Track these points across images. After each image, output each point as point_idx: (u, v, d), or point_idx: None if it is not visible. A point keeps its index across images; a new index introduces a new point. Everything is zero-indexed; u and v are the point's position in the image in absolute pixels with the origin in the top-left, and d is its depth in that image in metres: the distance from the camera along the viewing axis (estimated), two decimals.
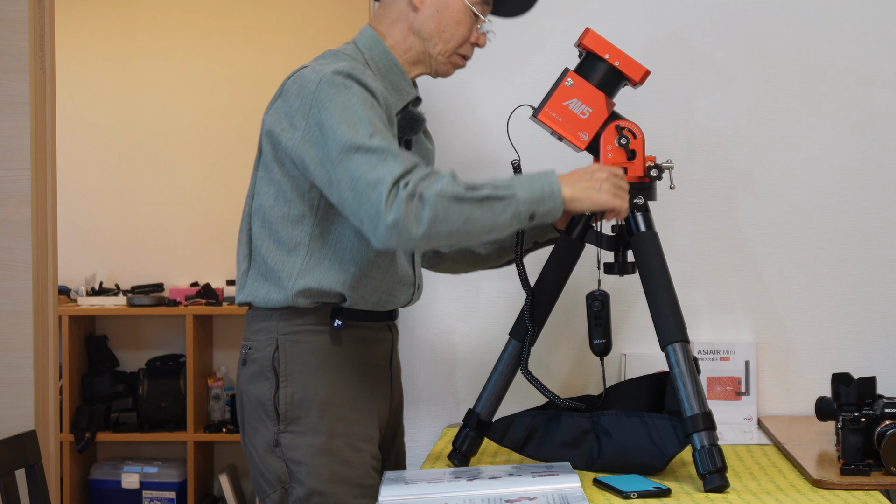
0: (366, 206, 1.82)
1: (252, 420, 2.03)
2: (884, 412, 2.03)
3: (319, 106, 1.88)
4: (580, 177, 1.95)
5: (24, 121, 2.79)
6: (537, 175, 1.92)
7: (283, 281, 1.99)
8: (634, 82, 2.08)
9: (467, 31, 2.07)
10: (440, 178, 1.84)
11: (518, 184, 1.89)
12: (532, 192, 1.88)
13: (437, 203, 1.81)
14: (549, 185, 1.89)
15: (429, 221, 1.81)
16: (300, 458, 1.98)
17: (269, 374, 2.00)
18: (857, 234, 2.64)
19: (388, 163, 1.82)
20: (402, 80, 2.06)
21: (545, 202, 1.89)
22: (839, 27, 2.65)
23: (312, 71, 1.93)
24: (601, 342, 2.12)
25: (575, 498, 1.80)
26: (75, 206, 4.70)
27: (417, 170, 1.84)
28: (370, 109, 1.88)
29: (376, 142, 1.84)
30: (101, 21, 4.85)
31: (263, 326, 2.03)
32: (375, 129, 1.86)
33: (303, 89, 1.91)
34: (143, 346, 4.71)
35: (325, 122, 1.87)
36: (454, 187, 1.83)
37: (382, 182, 1.80)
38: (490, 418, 2.17)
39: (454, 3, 2.05)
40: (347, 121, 1.85)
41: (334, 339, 2.02)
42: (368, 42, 2.07)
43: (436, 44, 2.06)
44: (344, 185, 1.84)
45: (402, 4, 2.07)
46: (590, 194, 1.94)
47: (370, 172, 1.81)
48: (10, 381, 2.78)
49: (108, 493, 4.46)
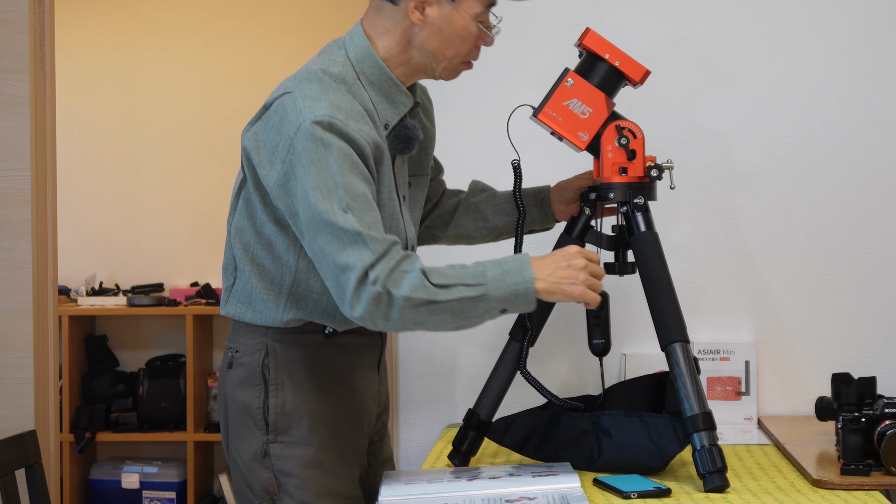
0: (334, 286, 1.78)
1: (238, 427, 1.97)
2: (884, 412, 2.03)
3: (295, 157, 1.78)
4: (556, 264, 1.86)
5: (24, 121, 2.78)
6: (511, 267, 1.82)
7: (269, 312, 1.93)
8: (635, 82, 2.08)
9: (473, 44, 1.94)
10: (409, 274, 1.76)
11: (491, 279, 1.80)
12: (505, 291, 1.80)
13: (405, 307, 1.76)
14: (522, 284, 1.81)
15: (396, 321, 1.77)
16: (290, 470, 1.93)
17: (257, 381, 1.95)
18: (857, 234, 2.64)
19: (358, 249, 1.74)
20: (396, 91, 1.94)
21: (518, 300, 1.82)
22: (839, 27, 2.65)
23: (294, 105, 1.81)
24: (600, 342, 2.12)
25: (575, 498, 1.80)
26: (75, 206, 4.70)
27: (388, 257, 1.76)
28: (349, 170, 1.77)
29: (349, 222, 1.74)
30: (101, 21, 4.85)
31: (251, 331, 1.98)
32: (351, 199, 1.75)
33: (282, 127, 1.81)
34: (143, 346, 4.70)
35: (299, 177, 1.77)
36: (423, 291, 1.76)
37: (351, 269, 1.74)
38: (490, 418, 2.17)
39: (458, 19, 1.91)
40: (322, 185, 1.75)
41: (324, 346, 1.97)
42: (360, 53, 1.93)
43: (439, 61, 1.94)
44: (313, 252, 1.79)
45: (399, 16, 1.92)
46: (563, 287, 1.84)
47: (339, 255, 1.75)
48: (10, 381, 2.78)
49: (108, 493, 4.46)
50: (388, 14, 1.93)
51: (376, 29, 1.95)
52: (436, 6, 1.90)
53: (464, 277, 1.80)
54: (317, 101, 1.80)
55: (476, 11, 1.92)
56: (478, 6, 1.92)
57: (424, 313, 1.77)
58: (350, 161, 1.78)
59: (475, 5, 1.92)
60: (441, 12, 1.90)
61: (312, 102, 1.80)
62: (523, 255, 1.87)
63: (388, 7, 1.92)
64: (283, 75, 2.02)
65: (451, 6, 1.90)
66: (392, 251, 1.78)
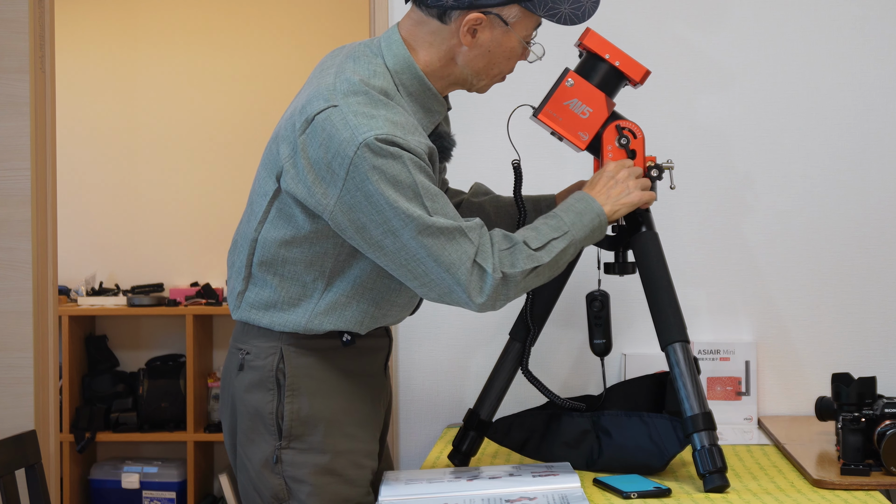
0: (438, 284, 1.83)
1: (248, 430, 1.94)
2: (884, 412, 2.03)
3: (362, 175, 1.75)
4: (607, 185, 1.99)
5: (24, 121, 2.78)
6: (581, 207, 1.95)
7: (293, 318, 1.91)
8: (635, 82, 2.08)
9: (516, 62, 1.95)
10: (515, 249, 1.87)
11: (570, 223, 1.92)
12: (585, 230, 1.94)
13: (520, 280, 1.87)
14: (597, 216, 1.95)
15: (512, 295, 1.88)
16: (302, 478, 1.90)
17: (270, 386, 1.91)
18: (856, 235, 2.64)
19: (460, 244, 1.81)
20: (434, 101, 1.92)
21: (595, 232, 1.96)
22: (839, 27, 2.65)
23: (344, 122, 1.76)
24: (601, 342, 2.12)
25: (575, 498, 1.80)
26: (75, 206, 4.70)
27: (486, 241, 1.84)
28: (420, 174, 1.79)
29: (441, 221, 1.79)
30: (101, 21, 4.85)
31: (264, 334, 1.94)
32: (433, 201, 1.79)
33: (333, 144, 1.76)
34: (143, 346, 4.70)
35: (373, 193, 1.76)
36: (531, 260, 1.87)
37: (458, 266, 1.81)
38: (490, 418, 2.17)
39: (508, 41, 1.89)
40: (403, 195, 1.77)
41: (341, 351, 1.94)
42: (400, 64, 1.88)
43: (481, 79, 1.94)
44: (402, 259, 1.81)
45: (446, 34, 1.87)
46: (623, 199, 1.99)
47: (442, 253, 1.80)
48: (10, 381, 2.78)
49: (108, 493, 4.46)
50: (434, 30, 1.88)
51: (418, 40, 1.90)
52: (488, 30, 1.87)
53: (551, 232, 1.91)
54: (371, 118, 1.77)
55: (526, 34, 1.92)
56: (528, 29, 1.92)
57: (532, 277, 1.89)
58: (419, 166, 1.80)
59: (527, 28, 1.91)
60: (493, 35, 1.88)
61: (367, 120, 1.77)
62: (582, 192, 1.99)
63: (433, 24, 1.88)
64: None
65: (503, 30, 1.88)
66: (484, 233, 1.86)
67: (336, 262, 1.89)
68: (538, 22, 1.92)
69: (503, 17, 1.86)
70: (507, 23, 1.87)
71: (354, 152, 1.75)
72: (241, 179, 4.75)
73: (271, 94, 4.60)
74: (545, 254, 1.88)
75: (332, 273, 1.89)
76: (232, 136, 4.77)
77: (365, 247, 1.82)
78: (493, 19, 1.86)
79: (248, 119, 4.72)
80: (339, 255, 1.88)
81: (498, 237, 1.88)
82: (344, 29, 4.64)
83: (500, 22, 1.86)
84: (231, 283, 2.00)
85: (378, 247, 1.81)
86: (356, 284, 1.90)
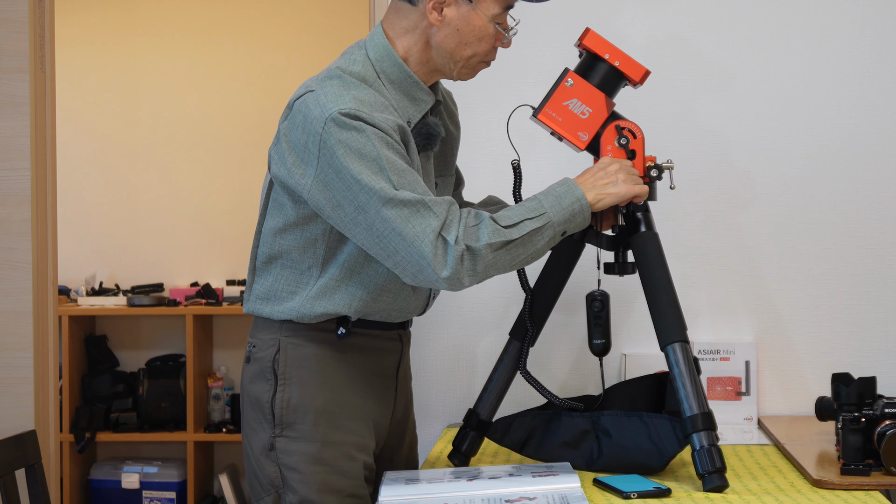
0: (406, 260, 1.83)
1: (250, 420, 2.01)
2: (884, 412, 2.03)
3: (330, 150, 1.81)
4: (595, 176, 1.98)
5: (24, 121, 2.78)
6: (561, 191, 1.94)
7: (287, 304, 1.97)
8: (634, 82, 2.08)
9: (490, 45, 1.97)
10: (482, 224, 1.86)
11: (549, 206, 1.92)
12: (563, 213, 1.92)
13: (487, 254, 1.86)
14: (577, 201, 1.93)
15: (481, 272, 1.87)
16: (294, 465, 1.95)
17: (268, 376, 1.98)
18: (856, 234, 2.64)
19: (423, 217, 1.82)
20: (417, 90, 1.96)
21: (576, 217, 1.94)
22: (839, 27, 2.65)
23: (316, 101, 1.84)
24: (600, 342, 2.12)
25: (575, 498, 1.80)
26: (75, 206, 4.70)
27: (452, 215, 1.84)
28: (387, 149, 1.82)
29: (405, 194, 1.81)
30: (101, 21, 4.85)
31: (268, 326, 2.01)
32: (399, 176, 1.81)
33: (308, 124, 1.84)
34: (143, 346, 4.71)
35: (340, 168, 1.81)
36: (498, 234, 1.86)
37: (421, 238, 1.81)
38: (490, 418, 2.17)
39: (476, 19, 1.93)
40: (367, 169, 1.80)
41: (337, 346, 1.99)
42: (379, 53, 1.95)
43: (457, 61, 1.96)
44: (373, 234, 1.83)
45: (417, 16, 1.94)
46: (609, 189, 1.97)
47: (405, 226, 1.81)
48: (10, 381, 2.78)
49: (108, 493, 4.46)
50: (407, 14, 1.96)
51: (395, 29, 1.97)
52: (454, 7, 1.92)
53: (525, 212, 1.91)
54: (339, 97, 1.85)
55: (494, 13, 1.94)
56: (495, 7, 1.94)
57: (502, 254, 1.88)
58: (385, 142, 1.83)
59: (493, 7, 1.94)
60: (459, 13, 1.93)
61: (335, 98, 1.84)
62: (566, 178, 1.98)
63: (406, 7, 1.95)
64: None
65: (468, 7, 1.93)
66: (453, 209, 1.86)
67: (327, 248, 1.94)
68: (507, 1, 1.95)
69: None
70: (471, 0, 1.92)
71: (322, 127, 1.81)
72: (241, 179, 4.77)
73: (271, 93, 4.60)
74: (515, 231, 1.88)
75: (324, 259, 1.95)
76: (232, 136, 4.77)
77: (342, 225, 1.86)
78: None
79: (248, 119, 4.72)
80: (330, 241, 1.93)
81: (468, 214, 1.88)
82: (344, 29, 4.64)
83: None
84: (248, 281, 2.07)
85: (353, 223, 1.85)
86: (345, 268, 1.95)
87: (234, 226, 4.68)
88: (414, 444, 2.26)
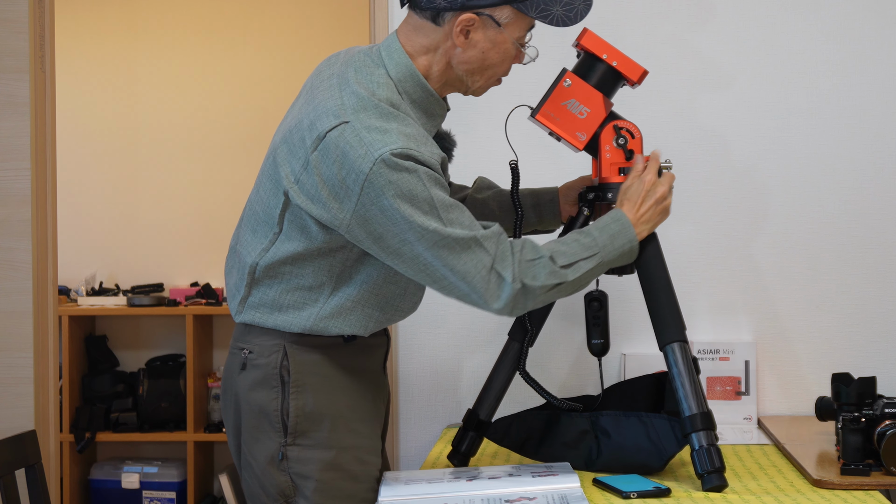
0: (455, 288, 1.84)
1: (253, 429, 1.94)
2: (884, 412, 2.03)
3: (377, 191, 1.76)
4: (648, 206, 1.99)
5: (24, 121, 2.78)
6: (616, 230, 1.94)
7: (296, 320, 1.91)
8: (632, 82, 2.08)
9: (510, 64, 1.95)
10: (540, 262, 1.86)
11: (602, 246, 1.92)
12: (615, 253, 1.94)
13: (541, 294, 1.87)
14: (628, 242, 1.95)
15: (531, 306, 1.89)
16: (308, 474, 1.91)
17: (274, 383, 1.92)
18: (856, 234, 2.64)
19: (475, 252, 1.82)
20: (436, 106, 1.93)
21: (624, 257, 1.96)
22: (839, 26, 2.65)
23: (358, 139, 1.77)
24: (599, 342, 2.12)
25: (575, 498, 1.80)
26: (75, 206, 4.70)
27: (503, 248, 1.85)
28: (435, 187, 1.80)
29: (457, 232, 1.80)
30: (101, 21, 4.85)
31: (266, 332, 1.95)
32: (447, 212, 1.80)
33: (348, 161, 1.77)
34: (143, 346, 4.71)
35: (388, 207, 1.77)
36: (555, 276, 1.87)
37: (473, 275, 1.82)
38: (490, 418, 2.17)
39: (502, 42, 1.89)
40: (418, 209, 1.78)
41: (341, 349, 1.96)
42: (402, 72, 1.89)
43: (476, 80, 1.94)
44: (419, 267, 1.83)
45: (440, 37, 1.88)
46: (660, 219, 2.01)
47: (457, 263, 1.81)
48: (10, 381, 2.78)
49: (108, 493, 4.46)
50: (428, 33, 1.89)
51: (415, 46, 1.91)
52: (481, 30, 1.88)
53: (581, 251, 1.91)
54: (384, 133, 1.79)
55: (519, 35, 1.92)
56: (521, 30, 1.92)
57: (553, 294, 1.89)
58: (434, 179, 1.81)
59: (519, 30, 1.91)
60: (486, 36, 1.89)
61: (381, 135, 1.78)
62: (620, 213, 1.97)
63: (428, 27, 1.89)
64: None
65: (496, 30, 1.89)
66: (502, 240, 1.86)
67: (344, 268, 1.90)
68: (531, 23, 1.93)
69: (495, 18, 1.87)
70: (500, 24, 1.87)
71: (370, 168, 1.76)
72: (242, 179, 4.74)
73: (271, 93, 4.60)
74: (571, 272, 1.89)
75: (339, 278, 1.90)
76: (232, 136, 4.77)
77: (382, 255, 1.84)
78: (485, 20, 1.86)
79: (248, 119, 4.72)
80: (348, 261, 1.89)
81: (525, 246, 1.88)
82: (344, 29, 4.65)
83: (492, 23, 1.87)
84: (232, 289, 2.01)
85: (396, 254, 1.83)
86: (363, 290, 1.92)
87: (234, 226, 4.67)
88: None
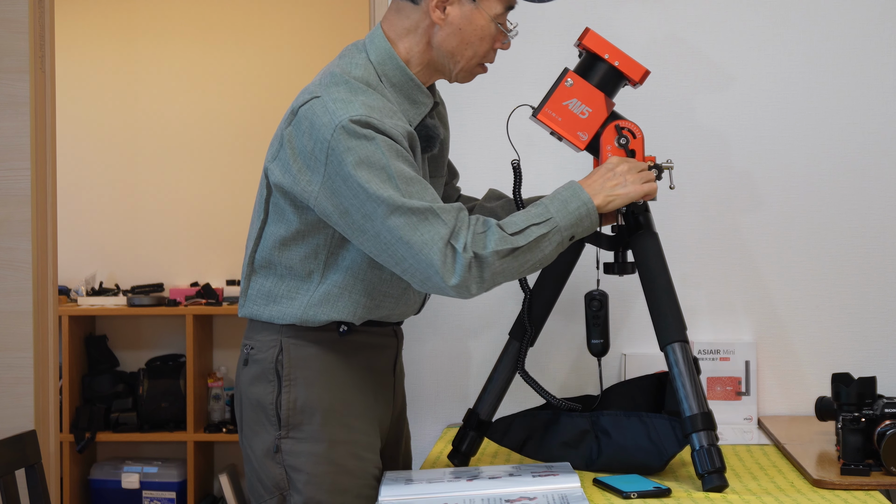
0: (414, 268, 1.83)
1: (251, 422, 1.99)
2: (884, 412, 2.03)
3: (338, 158, 1.80)
4: (603, 178, 1.97)
5: (24, 121, 2.79)
6: (567, 195, 1.93)
7: (288, 310, 1.95)
8: (634, 82, 2.08)
9: (490, 45, 1.97)
10: (489, 231, 1.85)
11: (555, 211, 1.90)
12: (570, 218, 1.91)
13: (494, 262, 1.84)
14: (583, 205, 1.92)
15: (488, 280, 1.86)
16: (300, 466, 1.94)
17: (271, 377, 1.97)
18: (857, 234, 2.64)
19: (432, 224, 1.81)
20: (418, 92, 1.96)
21: (583, 222, 1.93)
22: (839, 27, 2.65)
23: (324, 108, 1.83)
24: (599, 342, 2.12)
25: (575, 498, 1.80)
26: (75, 206, 4.70)
27: (461, 222, 1.84)
28: (396, 158, 1.81)
29: (413, 202, 1.80)
30: (101, 21, 4.85)
31: (267, 328, 2.00)
32: (407, 184, 1.81)
33: (315, 130, 1.82)
34: (143, 346, 4.71)
35: (348, 175, 1.80)
36: (505, 242, 1.85)
37: (430, 246, 1.80)
38: (490, 418, 2.17)
39: (478, 19, 1.94)
40: (376, 177, 1.79)
41: (339, 345, 1.99)
42: (381, 56, 1.94)
43: (457, 61, 1.97)
44: (381, 242, 1.83)
45: (419, 16, 1.94)
46: (618, 191, 1.96)
47: (414, 234, 1.80)
48: (10, 381, 2.78)
49: (108, 493, 4.46)
50: (409, 14, 1.95)
51: (396, 30, 1.97)
52: (457, 5, 1.93)
53: (531, 218, 1.89)
54: (349, 103, 1.83)
55: (496, 12, 1.95)
56: (498, 7, 1.95)
57: (509, 261, 1.86)
58: (394, 150, 1.82)
59: (496, 6, 1.95)
60: (462, 12, 1.93)
61: (344, 104, 1.83)
62: (572, 181, 1.96)
63: (408, 7, 1.95)
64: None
65: (471, 6, 1.93)
66: (462, 216, 1.85)
67: (329, 253, 1.93)
68: (509, 2, 1.96)
69: None
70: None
71: (331, 135, 1.80)
72: (241, 179, 4.77)
73: (271, 93, 4.60)
74: (521, 238, 1.86)
75: (326, 265, 1.94)
76: (232, 136, 4.77)
77: (349, 232, 1.86)
78: None
79: (248, 119, 4.72)
80: (331, 246, 1.93)
81: (476, 221, 1.87)
82: (344, 29, 4.64)
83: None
84: (242, 283, 2.06)
85: (360, 231, 1.84)
86: (348, 275, 1.94)
87: (234, 226, 4.67)
88: (409, 440, 2.26)
